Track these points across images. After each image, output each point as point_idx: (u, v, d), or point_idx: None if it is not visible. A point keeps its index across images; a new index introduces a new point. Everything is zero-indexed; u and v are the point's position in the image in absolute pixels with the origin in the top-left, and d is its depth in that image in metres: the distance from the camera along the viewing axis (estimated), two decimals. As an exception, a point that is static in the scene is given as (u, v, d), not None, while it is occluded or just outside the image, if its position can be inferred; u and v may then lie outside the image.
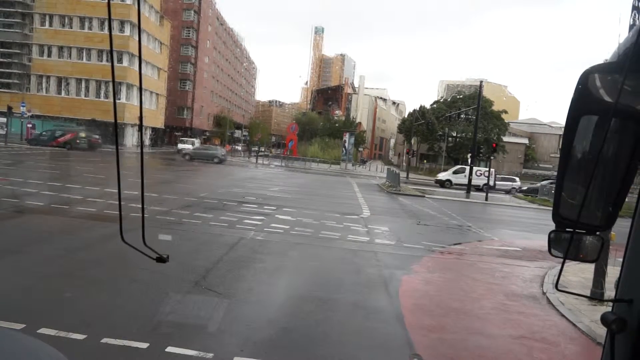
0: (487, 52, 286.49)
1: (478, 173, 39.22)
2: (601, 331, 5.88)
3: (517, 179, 45.17)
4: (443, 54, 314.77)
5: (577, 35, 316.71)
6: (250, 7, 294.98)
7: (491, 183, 35.73)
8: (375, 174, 47.99)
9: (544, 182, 38.88)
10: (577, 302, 7.61)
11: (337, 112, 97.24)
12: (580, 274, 9.58)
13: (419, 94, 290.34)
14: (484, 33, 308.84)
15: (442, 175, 43.10)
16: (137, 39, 1.29)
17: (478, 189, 35.28)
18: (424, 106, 69.91)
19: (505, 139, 65.05)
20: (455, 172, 42.13)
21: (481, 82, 38.06)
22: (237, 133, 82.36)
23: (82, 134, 40.45)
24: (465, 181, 33.67)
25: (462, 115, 65.27)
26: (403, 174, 39.01)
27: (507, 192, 40.32)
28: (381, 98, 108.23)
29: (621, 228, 1.50)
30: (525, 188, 40.59)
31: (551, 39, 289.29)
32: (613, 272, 7.46)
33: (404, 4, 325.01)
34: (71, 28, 54.62)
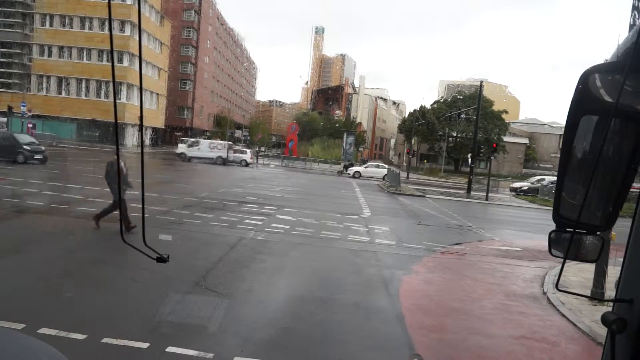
0: (488, 52, 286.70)
1: (211, 146, 42.95)
2: (602, 331, 5.88)
3: (248, 151, 45.75)
4: (443, 54, 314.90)
5: (577, 35, 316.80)
6: (250, 7, 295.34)
7: (224, 156, 41.02)
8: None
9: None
10: (578, 302, 7.61)
11: (337, 112, 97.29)
12: (580, 274, 9.58)
13: (420, 94, 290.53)
14: (485, 33, 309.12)
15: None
16: (137, 39, 1.29)
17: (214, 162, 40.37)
18: (424, 106, 69.92)
19: (506, 139, 65.03)
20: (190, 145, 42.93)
21: (481, 82, 38.02)
22: (238, 133, 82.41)
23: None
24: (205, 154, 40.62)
25: (462, 116, 65.17)
26: (403, 174, 39.02)
27: (241, 163, 42.66)
28: (381, 98, 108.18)
29: (621, 228, 1.49)
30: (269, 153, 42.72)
31: (551, 38, 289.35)
32: (613, 272, 7.45)
33: (404, 4, 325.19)
34: (72, 28, 54.68)
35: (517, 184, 40.37)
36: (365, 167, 43.19)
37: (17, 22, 55.33)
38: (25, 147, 24.37)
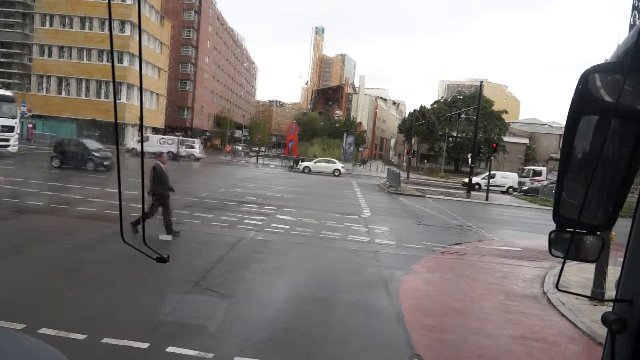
0: (488, 52, 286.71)
1: (161, 141, 41.51)
2: (602, 331, 5.88)
3: (197, 145, 44.77)
4: (443, 54, 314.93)
5: (577, 35, 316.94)
6: (250, 7, 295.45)
7: (174, 150, 40.01)
8: (375, 174, 47.98)
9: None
10: (578, 302, 7.61)
11: (337, 112, 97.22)
12: (580, 274, 9.57)
13: (420, 94, 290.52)
14: (485, 33, 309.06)
15: None
16: (137, 39, 1.29)
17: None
18: (424, 106, 69.89)
19: (506, 139, 65.04)
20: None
21: (481, 82, 38.00)
22: (238, 133, 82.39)
23: None
24: None
25: (462, 115, 65.30)
26: (403, 174, 39.00)
27: (190, 158, 41.86)
28: (381, 98, 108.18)
29: (621, 228, 1.49)
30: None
31: (552, 38, 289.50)
32: (614, 272, 7.45)
33: (404, 5, 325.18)
34: (71, 28, 54.69)
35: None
36: (315, 163, 43.34)
37: (17, 22, 55.38)
38: (94, 153, 23.92)
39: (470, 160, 35.29)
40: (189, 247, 9.45)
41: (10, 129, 27.01)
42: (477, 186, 38.09)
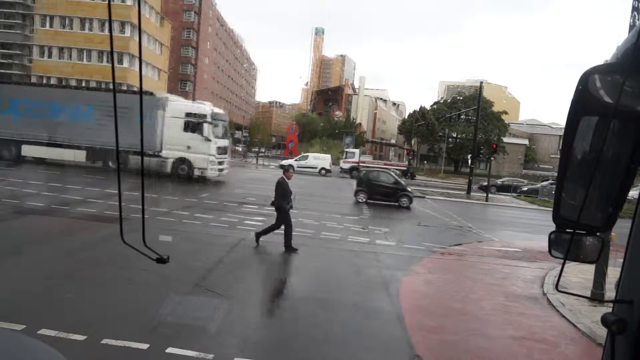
0: (488, 53, 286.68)
1: None
2: (602, 332, 5.87)
3: None
4: (443, 55, 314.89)
5: (577, 36, 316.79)
6: (250, 8, 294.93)
7: None
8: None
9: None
10: (578, 303, 7.60)
11: (337, 113, 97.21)
12: (580, 275, 9.56)
13: (419, 95, 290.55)
14: (485, 34, 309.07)
15: None
16: (137, 40, 1.30)
17: None
18: (424, 107, 69.97)
19: (506, 139, 65.04)
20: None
21: (481, 83, 38.05)
22: (237, 134, 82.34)
23: None
24: None
25: (462, 116, 65.26)
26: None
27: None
28: (381, 99, 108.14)
29: (622, 229, 1.49)
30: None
31: (551, 39, 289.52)
32: (613, 273, 7.45)
33: (404, 5, 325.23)
34: (71, 29, 54.69)
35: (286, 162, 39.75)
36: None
37: (17, 23, 55.38)
38: (408, 188, 21.68)
39: (470, 161, 35.33)
40: (189, 248, 9.44)
41: (226, 150, 24.82)
42: (291, 168, 38.25)
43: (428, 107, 70.76)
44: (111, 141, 21.52)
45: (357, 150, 46.34)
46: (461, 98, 70.37)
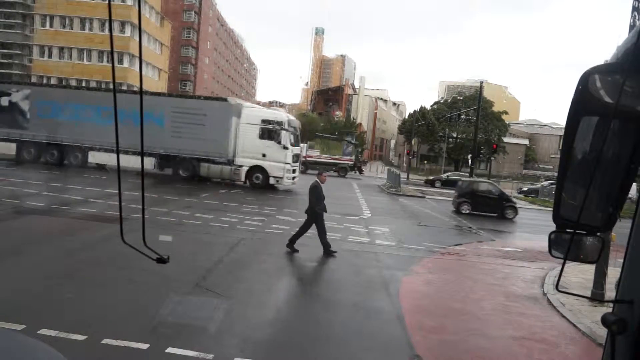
0: (488, 53, 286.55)
1: None
2: (602, 332, 5.87)
3: None
4: (443, 55, 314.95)
5: (577, 36, 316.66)
6: (250, 8, 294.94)
7: None
8: (375, 175, 47.95)
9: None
10: (578, 303, 7.60)
11: (337, 113, 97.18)
12: (580, 275, 9.56)
13: (420, 95, 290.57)
14: (485, 34, 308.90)
15: None
16: (137, 39, 1.30)
17: None
18: (424, 107, 69.88)
19: (506, 139, 64.95)
20: None
21: (481, 82, 38.00)
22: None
23: None
24: None
25: (462, 116, 65.17)
26: (403, 175, 39.00)
27: None
28: (381, 99, 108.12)
29: (622, 229, 1.49)
30: None
31: (552, 39, 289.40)
32: (614, 273, 7.45)
33: (404, 5, 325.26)
34: (72, 29, 54.68)
35: None
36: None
37: (17, 23, 55.35)
38: (512, 199, 21.26)
39: (470, 161, 35.31)
40: (189, 248, 9.44)
41: (298, 158, 24.09)
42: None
43: (428, 107, 70.66)
44: (183, 148, 21.07)
45: (304, 145, 45.66)
46: (461, 98, 70.28)
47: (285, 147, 21.41)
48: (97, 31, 53.85)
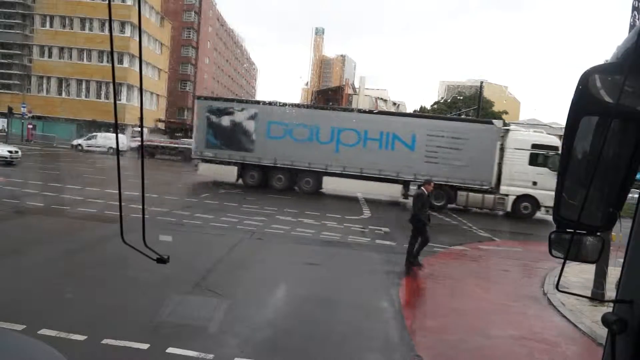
0: (488, 53, 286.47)
1: None
2: (602, 332, 5.86)
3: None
4: (443, 55, 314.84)
5: (577, 36, 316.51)
6: (250, 8, 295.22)
7: None
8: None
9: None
10: (578, 303, 7.60)
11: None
12: (581, 274, 9.55)
13: (420, 94, 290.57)
14: (485, 34, 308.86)
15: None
16: (137, 39, 1.30)
17: None
18: (424, 107, 69.94)
19: (506, 139, 64.93)
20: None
21: (482, 82, 38.13)
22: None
23: None
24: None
25: (462, 116, 65.18)
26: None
27: None
28: (382, 99, 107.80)
29: (624, 230, 1.49)
30: None
31: (552, 39, 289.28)
32: (614, 272, 7.44)
33: (405, 5, 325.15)
34: (72, 29, 54.66)
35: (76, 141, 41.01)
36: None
37: (17, 23, 55.34)
38: None
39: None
40: (189, 248, 9.44)
41: None
42: (79, 146, 39.36)
43: (428, 107, 70.73)
44: (438, 174, 17.94)
45: (145, 129, 44.40)
46: (461, 98, 70.33)
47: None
48: (97, 31, 53.84)
